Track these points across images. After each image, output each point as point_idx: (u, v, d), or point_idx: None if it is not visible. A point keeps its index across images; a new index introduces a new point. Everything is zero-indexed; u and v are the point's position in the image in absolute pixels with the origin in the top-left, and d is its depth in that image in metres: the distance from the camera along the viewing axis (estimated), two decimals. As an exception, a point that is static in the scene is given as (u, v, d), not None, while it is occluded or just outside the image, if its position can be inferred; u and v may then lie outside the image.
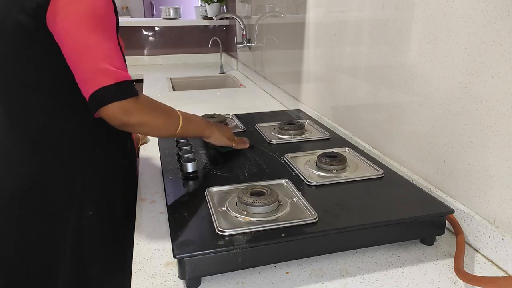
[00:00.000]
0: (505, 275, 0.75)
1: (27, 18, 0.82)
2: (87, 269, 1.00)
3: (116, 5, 0.91)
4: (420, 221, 0.80)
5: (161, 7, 3.33)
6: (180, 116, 0.95)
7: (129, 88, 0.84)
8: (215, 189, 0.89)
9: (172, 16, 3.24)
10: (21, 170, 0.94)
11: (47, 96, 0.90)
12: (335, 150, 1.09)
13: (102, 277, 1.03)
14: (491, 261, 0.78)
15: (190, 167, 0.97)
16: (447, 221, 0.85)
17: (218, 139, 1.06)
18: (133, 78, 0.87)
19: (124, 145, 1.08)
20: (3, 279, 1.00)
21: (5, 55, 0.88)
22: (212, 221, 0.76)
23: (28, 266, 0.98)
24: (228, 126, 1.15)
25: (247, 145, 1.14)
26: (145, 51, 3.23)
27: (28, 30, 0.83)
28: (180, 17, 3.29)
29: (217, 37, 2.91)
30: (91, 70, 0.80)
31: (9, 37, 0.86)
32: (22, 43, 0.86)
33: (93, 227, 0.99)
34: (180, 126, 0.94)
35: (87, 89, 0.81)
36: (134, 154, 1.14)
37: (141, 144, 1.35)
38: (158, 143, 1.22)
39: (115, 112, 0.82)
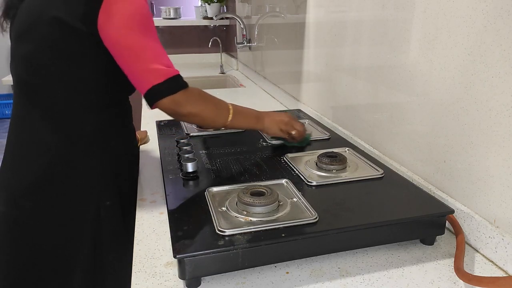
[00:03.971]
0: (505, 275, 0.75)
1: (69, 18, 0.87)
2: (105, 257, 1.04)
3: None
4: (420, 221, 0.80)
5: (161, 7, 3.33)
6: (231, 109, 1.02)
7: (178, 83, 0.92)
8: (215, 189, 0.89)
9: (172, 16, 3.24)
10: (42, 161, 0.96)
11: (72, 90, 0.93)
12: (335, 150, 1.09)
13: (118, 264, 1.06)
14: (491, 261, 0.78)
15: (190, 167, 0.97)
16: (447, 221, 0.85)
17: (270, 130, 1.12)
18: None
19: (133, 141, 1.13)
20: (22, 267, 1.02)
21: (34, 50, 0.91)
22: (212, 221, 0.76)
23: (46, 256, 1.01)
24: (288, 114, 1.17)
25: (300, 135, 1.15)
26: (145, 51, 3.23)
27: (67, 29, 0.87)
28: (180, 17, 3.29)
29: (217, 37, 2.91)
30: (144, 71, 0.89)
31: (43, 33, 0.89)
32: (57, 40, 0.89)
33: (110, 216, 1.03)
34: (230, 117, 1.02)
35: (142, 88, 0.91)
36: (138, 150, 1.20)
37: (141, 144, 1.35)
38: (158, 143, 1.22)
39: (168, 105, 0.92)
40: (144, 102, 1.97)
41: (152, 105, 0.93)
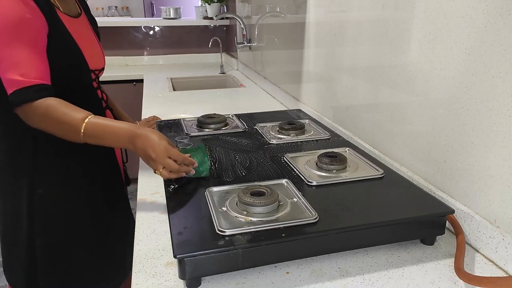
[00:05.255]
0: (505, 275, 0.75)
1: None
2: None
3: (60, 5, 1.01)
4: (421, 221, 0.80)
5: (161, 7, 3.33)
6: (82, 130, 0.90)
7: (23, 96, 0.90)
8: (215, 189, 0.89)
9: (172, 16, 3.24)
10: None
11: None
12: (335, 150, 1.09)
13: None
14: (492, 261, 0.78)
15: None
16: (447, 221, 0.84)
17: (141, 157, 0.90)
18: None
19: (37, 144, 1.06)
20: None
21: None
22: (212, 221, 0.76)
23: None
24: (166, 140, 0.90)
25: (182, 173, 0.91)
26: (145, 51, 3.23)
27: None
28: (180, 17, 3.29)
29: (217, 37, 2.91)
30: (3, 80, 0.91)
31: None
32: None
33: (44, 204, 1.07)
34: (81, 138, 0.91)
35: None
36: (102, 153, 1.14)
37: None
38: (158, 143, 1.22)
39: (20, 116, 0.94)
40: (143, 102, 1.97)
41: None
